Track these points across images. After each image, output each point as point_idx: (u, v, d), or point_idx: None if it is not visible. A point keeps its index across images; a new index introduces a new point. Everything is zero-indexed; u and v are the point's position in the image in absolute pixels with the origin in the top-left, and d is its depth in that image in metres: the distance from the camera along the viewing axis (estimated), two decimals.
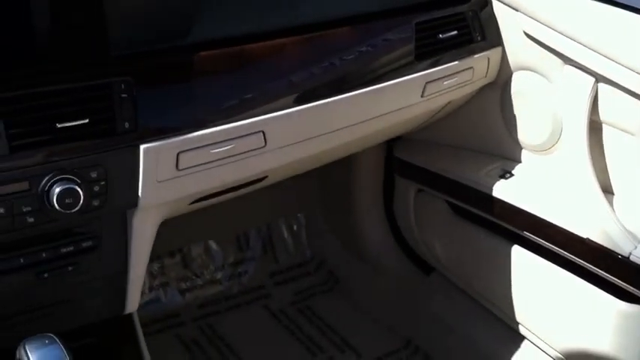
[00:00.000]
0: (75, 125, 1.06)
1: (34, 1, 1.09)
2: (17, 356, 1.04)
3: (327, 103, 1.33)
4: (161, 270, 2.09)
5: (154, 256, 2.06)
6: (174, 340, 2.00)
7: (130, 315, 1.32)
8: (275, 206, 2.26)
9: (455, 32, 1.54)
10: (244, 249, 2.22)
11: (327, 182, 2.25)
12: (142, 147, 1.12)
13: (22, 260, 1.12)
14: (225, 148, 1.22)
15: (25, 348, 1.03)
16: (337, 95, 1.35)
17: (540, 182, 1.62)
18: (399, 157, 1.95)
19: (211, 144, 1.20)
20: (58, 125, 1.05)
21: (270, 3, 1.28)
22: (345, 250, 2.24)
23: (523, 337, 1.76)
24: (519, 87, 1.63)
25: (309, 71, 1.31)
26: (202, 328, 2.04)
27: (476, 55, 1.59)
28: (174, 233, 2.04)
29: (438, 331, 1.94)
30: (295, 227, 2.30)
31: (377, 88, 1.41)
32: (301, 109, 1.30)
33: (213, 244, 2.17)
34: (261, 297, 2.17)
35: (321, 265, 2.28)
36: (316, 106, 1.32)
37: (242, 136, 1.23)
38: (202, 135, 1.18)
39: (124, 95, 1.10)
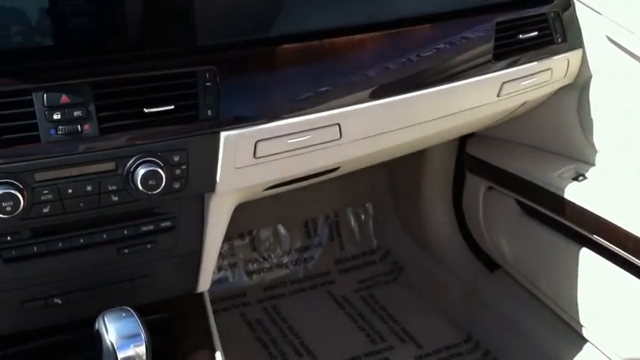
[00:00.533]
0: (161, 111, 1.11)
1: None
2: (96, 326, 1.10)
3: (404, 99, 1.35)
4: (230, 251, 2.16)
5: (224, 238, 2.12)
6: (239, 319, 2.06)
7: (201, 293, 1.38)
8: (344, 195, 2.29)
9: (535, 33, 1.54)
10: (312, 235, 2.26)
11: (397, 174, 2.27)
12: (223, 134, 1.17)
13: (104, 236, 1.19)
14: (302, 138, 1.25)
15: (103, 319, 1.10)
16: (413, 92, 1.36)
17: (614, 186, 1.60)
18: (470, 154, 1.95)
19: (288, 134, 1.23)
20: (146, 110, 1.10)
21: (351, 1, 1.30)
22: (411, 242, 2.26)
23: (586, 341, 1.75)
24: (598, 90, 1.62)
25: (387, 67, 1.33)
26: (267, 309, 2.10)
27: (555, 57, 1.58)
28: (244, 216, 2.10)
29: (500, 328, 1.94)
30: (363, 217, 2.33)
31: (453, 87, 1.42)
32: (377, 104, 1.32)
33: (281, 229, 2.22)
34: (326, 283, 2.21)
35: (387, 255, 2.30)
36: (392, 101, 1.34)
37: (318, 128, 1.26)
38: (280, 125, 1.22)
39: (207, 84, 1.14)
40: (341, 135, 1.29)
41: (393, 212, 2.31)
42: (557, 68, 1.60)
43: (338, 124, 1.28)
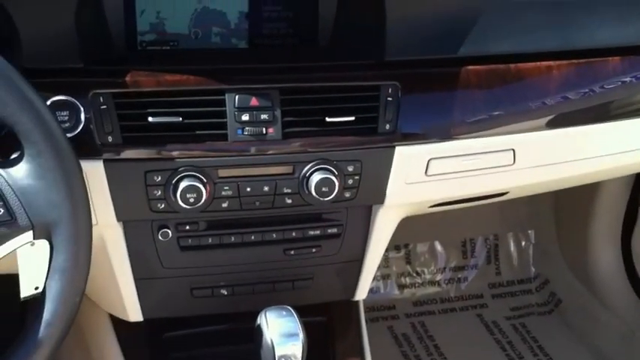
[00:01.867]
0: (342, 121, 1.15)
1: (325, 3, 1.19)
2: (258, 321, 1.14)
3: (584, 130, 1.31)
4: (385, 262, 2.17)
5: None
6: (386, 331, 2.07)
7: (357, 302, 1.40)
8: (506, 219, 2.24)
9: None
10: (468, 256, 2.23)
11: (564, 203, 2.19)
12: (398, 149, 1.18)
13: (274, 235, 1.23)
14: (475, 160, 1.24)
15: (265, 315, 1.14)
16: (594, 123, 1.32)
17: None
18: None
19: (462, 155, 1.23)
20: (327, 119, 1.14)
21: (545, 25, 1.27)
22: (572, 275, 2.17)
23: None
24: None
25: (571, 96, 1.29)
26: (414, 325, 2.10)
27: None
28: (402, 228, 2.09)
29: None
30: (523, 243, 2.27)
31: (638, 121, 1.36)
32: (555, 133, 1.29)
33: (438, 246, 2.21)
34: (477, 306, 2.18)
35: (544, 285, 2.23)
36: (572, 131, 1.30)
37: (493, 152, 1.25)
38: (455, 145, 1.22)
39: (389, 98, 1.16)
40: (514, 160, 1.27)
41: (556, 242, 2.23)
42: None
43: (513, 150, 1.26)
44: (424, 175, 1.22)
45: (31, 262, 0.93)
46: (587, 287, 2.11)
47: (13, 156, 0.93)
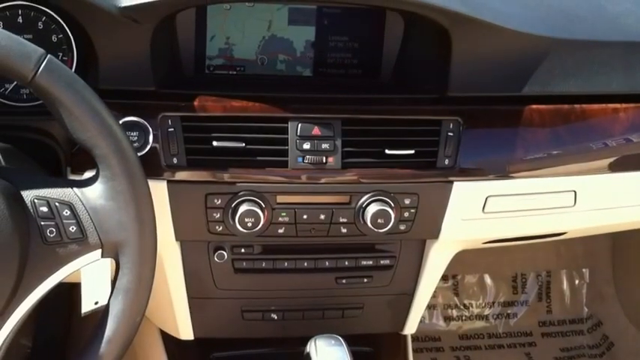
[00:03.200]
0: (402, 154, 1.15)
1: (390, 36, 1.20)
2: (307, 349, 1.15)
3: None
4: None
5: None
6: None
7: (405, 336, 1.40)
8: (560, 255, 2.20)
9: None
10: (519, 291, 2.20)
11: (622, 245, 2.14)
12: (456, 184, 1.18)
13: (327, 263, 1.25)
14: (534, 200, 1.23)
15: (315, 343, 1.14)
16: None
17: None
18: None
19: (521, 194, 1.22)
20: (387, 151, 1.15)
21: (613, 66, 1.25)
22: (626, 319, 2.12)
23: None
24: None
25: (634, 139, 1.27)
26: (459, 359, 2.07)
27: None
28: (452, 259, 2.09)
29: None
30: (577, 282, 2.23)
31: None
32: (618, 176, 1.28)
33: (488, 279, 2.18)
34: (526, 344, 2.14)
35: (597, 327, 2.18)
36: (634, 175, 1.28)
37: (553, 192, 1.24)
38: (514, 184, 1.21)
39: (450, 134, 1.16)
40: (575, 202, 1.25)
41: (612, 283, 2.18)
42: None
43: (574, 191, 1.24)
44: (481, 213, 1.22)
45: (95, 279, 0.96)
46: None
47: (88, 175, 0.97)
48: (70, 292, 1.80)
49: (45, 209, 0.92)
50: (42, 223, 0.91)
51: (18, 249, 0.89)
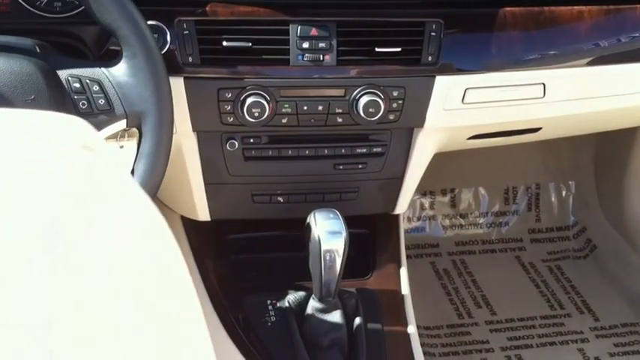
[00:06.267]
0: (389, 52, 1.31)
1: None
2: (307, 220, 1.30)
3: (612, 68, 1.43)
4: (432, 204, 2.33)
5: (428, 191, 2.30)
6: (428, 266, 2.23)
7: (397, 216, 1.57)
8: (548, 169, 2.36)
9: None
10: (510, 202, 2.36)
11: (604, 156, 2.30)
12: (438, 78, 1.34)
13: (325, 151, 1.41)
14: (507, 92, 1.39)
15: (315, 215, 1.30)
16: (623, 63, 1.44)
17: None
18: None
19: (496, 87, 1.38)
20: (377, 49, 1.30)
21: None
22: (608, 224, 2.28)
23: None
24: None
25: (601, 39, 1.42)
26: (455, 262, 2.25)
27: None
28: (449, 175, 2.26)
29: None
30: (564, 193, 2.39)
31: None
32: (583, 70, 1.42)
33: (482, 191, 2.35)
34: (516, 249, 2.31)
35: (581, 232, 2.35)
36: (599, 69, 1.43)
37: (525, 85, 1.39)
38: (490, 77, 1.36)
39: (433, 34, 1.32)
40: (544, 94, 1.40)
41: (595, 193, 2.35)
42: None
43: (543, 84, 1.40)
44: (460, 103, 1.38)
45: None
46: (622, 234, 2.22)
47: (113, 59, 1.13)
48: None
49: (77, 85, 1.07)
50: (75, 97, 1.07)
51: None
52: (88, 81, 1.08)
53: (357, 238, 1.38)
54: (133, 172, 1.12)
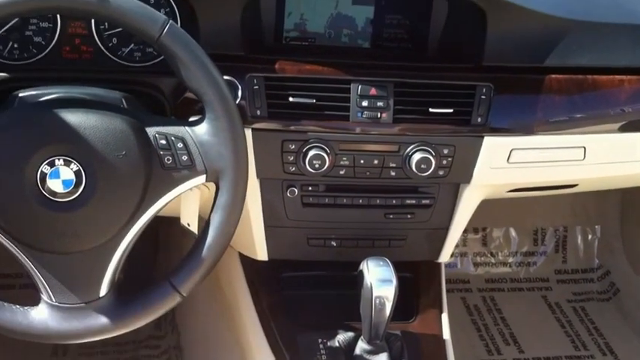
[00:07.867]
0: (442, 112, 1.40)
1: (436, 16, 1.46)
2: (360, 267, 1.38)
3: None
4: (464, 242, 2.41)
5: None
6: (459, 302, 2.32)
7: (440, 264, 1.66)
8: (575, 213, 2.44)
9: None
10: (539, 243, 2.44)
11: (630, 200, 2.36)
12: (486, 139, 1.43)
13: (378, 201, 1.50)
14: (550, 153, 1.48)
15: (367, 263, 1.37)
16: None
17: None
18: None
19: (540, 148, 1.47)
20: (430, 110, 1.40)
21: (621, 45, 1.49)
22: (631, 269, 2.36)
23: None
24: None
25: (637, 106, 1.51)
26: (485, 299, 2.33)
27: None
28: (482, 214, 2.33)
29: None
30: (590, 237, 2.47)
31: None
32: (621, 136, 1.51)
33: (512, 232, 2.43)
34: (543, 288, 2.39)
35: (605, 275, 2.42)
36: (635, 136, 1.52)
37: (566, 147, 1.48)
38: (535, 139, 1.45)
39: (483, 97, 1.41)
40: (585, 156, 1.49)
41: (619, 238, 2.42)
42: None
43: (584, 147, 1.49)
44: (506, 162, 1.46)
45: (189, 205, 1.27)
46: None
47: (195, 118, 1.22)
48: (156, 233, 2.09)
49: (164, 142, 1.15)
50: (161, 152, 1.14)
51: (143, 172, 1.13)
52: (173, 138, 1.16)
53: (400, 281, 1.46)
54: (208, 222, 1.20)
